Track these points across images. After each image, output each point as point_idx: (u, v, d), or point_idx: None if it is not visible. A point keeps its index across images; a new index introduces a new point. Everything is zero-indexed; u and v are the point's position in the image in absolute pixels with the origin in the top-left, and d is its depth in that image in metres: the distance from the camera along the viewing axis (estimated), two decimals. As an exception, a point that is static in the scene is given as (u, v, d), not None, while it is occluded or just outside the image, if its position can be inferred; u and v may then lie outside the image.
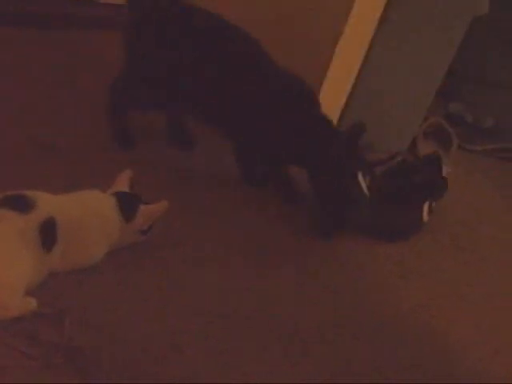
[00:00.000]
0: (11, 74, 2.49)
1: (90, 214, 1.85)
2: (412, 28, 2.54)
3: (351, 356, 1.89)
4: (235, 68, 2.21)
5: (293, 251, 2.18)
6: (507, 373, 1.98)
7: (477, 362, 1.98)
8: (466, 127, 3.02)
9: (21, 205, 1.72)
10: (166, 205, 1.92)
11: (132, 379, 1.64)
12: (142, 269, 1.93)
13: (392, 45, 2.55)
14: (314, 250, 2.20)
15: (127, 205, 1.91)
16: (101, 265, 1.87)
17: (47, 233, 1.74)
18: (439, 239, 2.42)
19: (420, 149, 2.77)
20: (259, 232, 2.21)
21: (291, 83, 2.25)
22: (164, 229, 1.99)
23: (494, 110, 3.05)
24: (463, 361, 1.97)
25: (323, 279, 2.10)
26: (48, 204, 1.77)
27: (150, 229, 1.95)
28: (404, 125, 2.74)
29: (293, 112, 2.23)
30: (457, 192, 2.56)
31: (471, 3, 2.59)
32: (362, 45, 2.54)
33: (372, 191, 2.22)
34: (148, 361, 1.69)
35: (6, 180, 1.87)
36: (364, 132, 2.23)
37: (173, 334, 1.78)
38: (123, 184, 1.97)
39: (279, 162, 2.36)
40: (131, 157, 2.26)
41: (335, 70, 2.50)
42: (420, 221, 2.37)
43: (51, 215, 1.75)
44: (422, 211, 2.36)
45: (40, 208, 1.74)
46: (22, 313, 1.69)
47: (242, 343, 1.83)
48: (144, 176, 2.05)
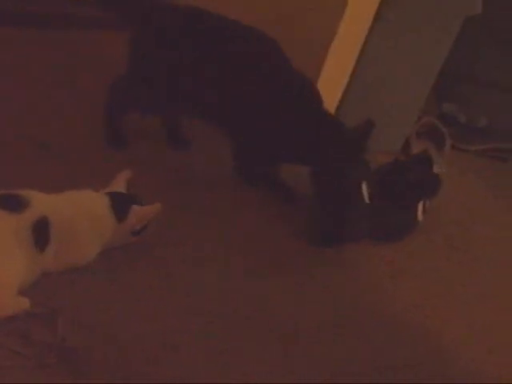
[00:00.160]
0: (11, 74, 2.49)
1: (83, 214, 1.85)
2: (405, 28, 2.54)
3: (348, 356, 1.89)
4: (237, 67, 2.22)
5: (290, 252, 2.18)
6: (501, 372, 1.98)
7: (470, 362, 1.98)
8: (460, 127, 3.03)
9: (14, 204, 1.72)
10: (160, 207, 1.91)
11: (125, 379, 1.64)
12: (136, 269, 1.93)
13: (386, 45, 2.55)
14: (311, 251, 2.20)
15: (119, 205, 1.90)
16: (94, 265, 1.86)
17: (40, 232, 1.73)
18: (433, 239, 2.43)
19: (413, 149, 2.77)
20: (258, 232, 2.21)
21: (293, 80, 2.26)
22: (161, 228, 1.98)
23: (488, 110, 3.05)
24: (457, 360, 1.97)
25: (319, 279, 2.11)
26: (41, 203, 1.76)
27: (143, 230, 1.94)
28: (397, 125, 2.74)
29: (295, 109, 2.23)
30: (450, 192, 2.56)
31: (464, 3, 2.59)
32: (356, 45, 2.54)
33: (371, 198, 2.23)
34: (141, 361, 1.69)
35: (3, 179, 1.86)
36: (373, 129, 2.22)
37: (167, 334, 1.78)
38: (120, 184, 1.96)
39: (282, 161, 2.35)
40: (130, 157, 2.25)
41: (329, 71, 2.50)
42: (415, 220, 2.37)
43: (44, 215, 1.74)
44: (417, 210, 2.36)
45: (33, 207, 1.73)
46: (15, 312, 1.68)
47: (242, 343, 1.83)
48: (143, 176, 2.05)
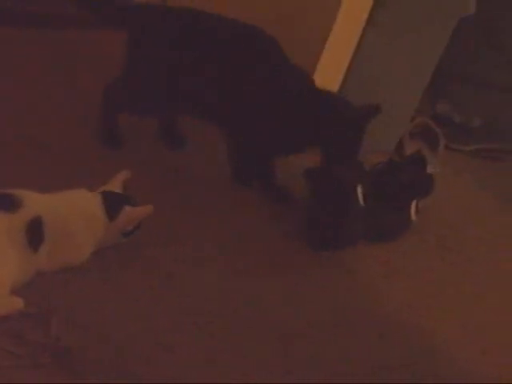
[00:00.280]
0: (11, 74, 2.48)
1: (77, 213, 1.84)
2: (399, 28, 2.54)
3: (343, 356, 1.89)
4: (236, 65, 2.22)
5: (285, 252, 2.18)
6: (494, 373, 1.98)
7: (464, 362, 1.98)
8: (454, 127, 3.03)
9: (7, 204, 1.71)
10: (151, 208, 1.91)
11: (120, 379, 1.64)
12: (131, 268, 1.92)
13: (380, 45, 2.55)
14: (306, 251, 2.20)
15: (111, 204, 1.90)
16: (88, 264, 1.86)
17: (34, 232, 1.73)
18: (426, 239, 2.42)
19: (407, 149, 2.77)
20: (255, 232, 2.21)
21: (292, 75, 2.27)
22: (156, 228, 1.98)
23: (482, 110, 3.05)
24: (450, 361, 1.97)
25: (314, 279, 2.11)
26: (35, 203, 1.76)
27: (135, 232, 1.94)
28: (391, 125, 2.73)
29: (296, 105, 2.24)
30: (444, 192, 2.56)
31: (458, 4, 2.59)
32: (350, 45, 2.53)
33: (364, 199, 2.23)
34: (136, 360, 1.69)
35: (0, 179, 1.86)
36: (378, 113, 2.24)
37: (162, 334, 1.78)
38: (116, 184, 1.96)
39: (282, 153, 2.35)
40: (128, 157, 2.25)
41: (323, 71, 2.49)
42: (408, 220, 2.37)
43: (38, 214, 1.74)
44: (410, 211, 2.36)
45: (27, 207, 1.73)
46: (9, 312, 1.68)
47: (238, 343, 1.83)
48: (140, 175, 2.05)
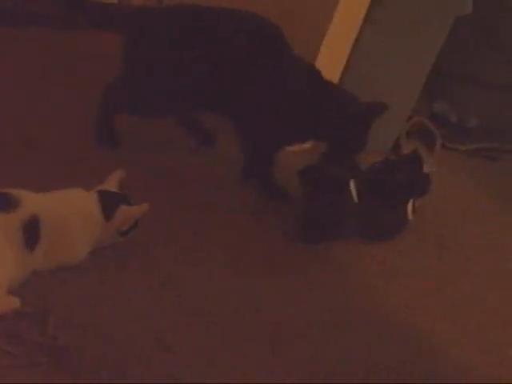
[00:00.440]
0: (11, 74, 2.47)
1: (74, 213, 1.84)
2: (396, 28, 2.54)
3: (341, 356, 1.89)
4: (240, 55, 2.22)
5: (283, 251, 2.18)
6: (492, 372, 1.98)
7: (462, 362, 1.98)
8: (451, 127, 3.03)
9: (4, 203, 1.71)
10: (147, 207, 1.90)
11: (118, 379, 1.63)
12: (128, 268, 1.92)
13: (376, 44, 2.56)
14: (304, 251, 2.20)
15: (107, 203, 1.90)
16: (85, 264, 1.86)
17: (30, 231, 1.72)
18: (424, 239, 2.42)
19: (403, 148, 2.77)
20: (252, 232, 2.20)
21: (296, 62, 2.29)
22: (153, 227, 1.98)
23: (479, 110, 3.06)
24: (448, 360, 1.97)
25: (311, 279, 2.11)
26: (32, 202, 1.76)
27: (131, 231, 1.93)
28: (388, 124, 2.72)
29: (301, 91, 2.27)
30: (441, 191, 2.57)
31: (454, 3, 2.60)
32: (347, 45, 2.54)
33: (361, 197, 2.22)
34: (134, 360, 1.68)
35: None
36: (385, 111, 2.27)
37: (160, 333, 1.77)
38: (112, 183, 1.95)
39: (288, 142, 2.36)
40: (126, 157, 2.23)
41: (320, 68, 2.49)
42: (405, 219, 2.37)
43: (35, 213, 1.74)
44: (407, 209, 2.36)
45: (23, 206, 1.73)
46: (5, 312, 1.67)
47: (236, 343, 1.82)
48: (139, 175, 2.05)
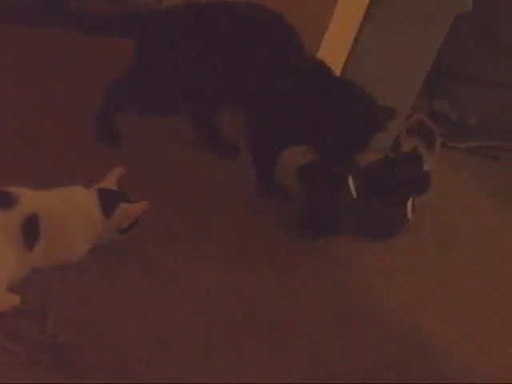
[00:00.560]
0: (11, 74, 2.47)
1: (74, 210, 1.84)
2: (395, 25, 2.54)
3: (341, 356, 1.88)
4: (248, 46, 2.22)
5: (284, 250, 2.17)
6: (492, 371, 1.98)
7: (463, 361, 1.98)
8: (451, 125, 3.03)
9: (3, 201, 1.71)
10: (147, 205, 1.90)
11: (117, 378, 1.63)
12: (128, 266, 1.92)
13: (376, 42, 2.55)
14: (304, 250, 2.20)
15: (106, 200, 1.89)
16: (85, 262, 1.86)
17: (30, 229, 1.72)
18: (423, 237, 2.42)
19: (403, 146, 2.77)
20: (253, 231, 2.20)
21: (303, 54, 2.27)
22: (153, 226, 1.98)
23: (478, 108, 3.05)
24: (449, 359, 1.97)
25: (311, 278, 2.10)
26: (31, 200, 1.75)
27: (131, 229, 1.93)
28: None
29: (310, 82, 2.24)
30: (441, 189, 2.56)
31: (454, 1, 2.59)
32: (346, 42, 2.54)
33: (359, 193, 2.22)
34: (134, 360, 1.68)
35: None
36: (393, 118, 2.27)
37: (160, 332, 1.77)
38: (112, 181, 1.95)
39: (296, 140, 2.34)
40: (127, 156, 2.22)
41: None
42: (405, 217, 2.37)
43: (34, 211, 1.73)
44: (406, 207, 2.36)
45: (23, 204, 1.72)
46: (5, 309, 1.67)
47: (237, 342, 1.82)
48: (139, 174, 2.06)
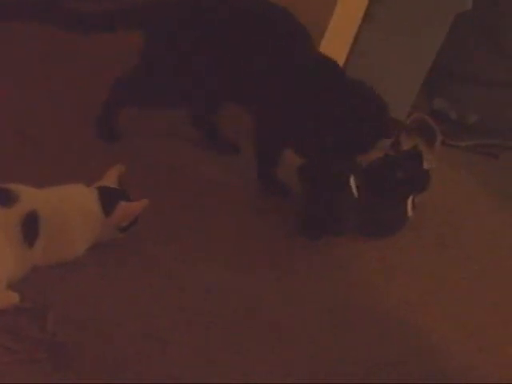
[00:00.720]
0: (11, 74, 2.46)
1: (74, 208, 1.84)
2: (395, 24, 2.54)
3: (342, 356, 1.88)
4: (257, 40, 2.21)
5: (284, 250, 2.17)
6: (491, 370, 1.98)
7: (462, 361, 1.97)
8: (451, 123, 3.03)
9: (3, 198, 1.71)
10: (147, 203, 1.90)
11: (116, 376, 1.63)
12: (128, 265, 1.92)
13: (376, 41, 2.55)
14: (305, 249, 2.19)
15: (107, 199, 1.89)
16: (84, 260, 1.85)
17: (29, 227, 1.72)
18: (423, 236, 2.42)
19: (403, 144, 2.76)
20: (253, 231, 2.20)
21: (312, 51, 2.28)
22: (153, 225, 1.98)
23: (478, 107, 3.05)
24: (448, 359, 1.97)
25: (311, 277, 2.10)
26: (31, 198, 1.75)
27: (131, 227, 1.93)
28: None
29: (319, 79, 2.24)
30: (441, 188, 2.56)
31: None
32: (346, 42, 2.54)
33: (360, 192, 2.22)
34: (134, 359, 1.68)
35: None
36: (401, 130, 2.28)
37: (159, 331, 1.77)
38: (111, 179, 1.95)
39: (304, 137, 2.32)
40: (127, 155, 2.22)
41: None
42: (405, 216, 2.36)
43: (34, 209, 1.73)
44: (407, 206, 2.36)
45: (22, 202, 1.72)
46: (4, 307, 1.67)
47: (238, 342, 1.82)
48: (140, 173, 2.06)
